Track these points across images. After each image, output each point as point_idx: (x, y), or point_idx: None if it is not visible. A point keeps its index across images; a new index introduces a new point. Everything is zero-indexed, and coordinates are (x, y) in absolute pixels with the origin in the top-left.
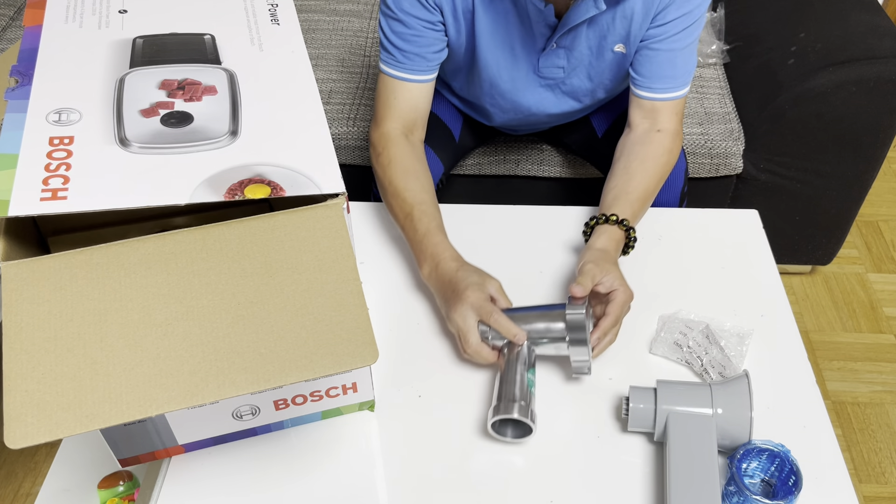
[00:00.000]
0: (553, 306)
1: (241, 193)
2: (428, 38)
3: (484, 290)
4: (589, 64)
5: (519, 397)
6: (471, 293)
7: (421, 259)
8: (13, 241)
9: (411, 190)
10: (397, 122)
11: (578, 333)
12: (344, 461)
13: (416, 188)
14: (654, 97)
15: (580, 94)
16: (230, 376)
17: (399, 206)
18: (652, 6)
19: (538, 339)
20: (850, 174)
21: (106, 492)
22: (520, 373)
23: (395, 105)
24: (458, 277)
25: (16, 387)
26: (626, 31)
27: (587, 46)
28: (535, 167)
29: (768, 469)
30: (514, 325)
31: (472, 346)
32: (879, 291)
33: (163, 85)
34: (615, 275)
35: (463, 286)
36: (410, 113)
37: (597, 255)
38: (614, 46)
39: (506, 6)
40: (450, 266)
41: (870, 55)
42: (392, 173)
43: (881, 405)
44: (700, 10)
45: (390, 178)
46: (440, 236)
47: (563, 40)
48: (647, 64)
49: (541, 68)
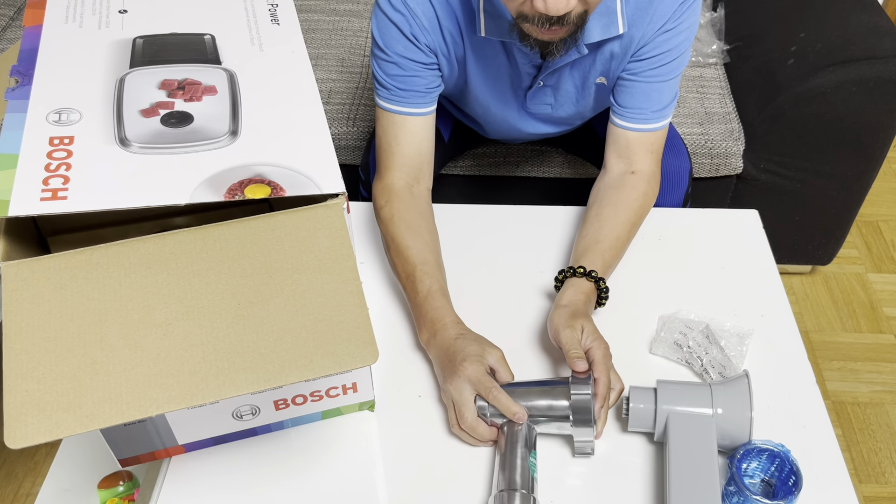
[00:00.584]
0: (555, 382)
1: (241, 193)
2: (425, 77)
3: (483, 363)
4: (576, 100)
5: (521, 485)
6: (469, 366)
7: (420, 323)
8: (13, 241)
9: (414, 248)
10: (401, 171)
11: (583, 414)
12: (344, 461)
13: (419, 246)
14: (627, 127)
15: (570, 120)
16: (230, 376)
17: (401, 266)
18: (630, 46)
19: (539, 418)
20: (850, 174)
21: (106, 492)
22: (520, 456)
23: (398, 151)
24: (456, 347)
25: (16, 387)
26: (606, 67)
27: (572, 84)
28: (535, 167)
29: (768, 469)
30: (514, 403)
31: (467, 422)
32: (879, 291)
33: (163, 85)
34: (588, 331)
35: (461, 357)
36: (415, 158)
37: (565, 315)
38: (596, 79)
39: (495, 49)
40: (448, 334)
41: (870, 55)
42: (394, 230)
43: (881, 405)
44: (682, 48)
45: (392, 234)
46: (442, 300)
47: (548, 79)
48: (623, 94)
49: (529, 105)
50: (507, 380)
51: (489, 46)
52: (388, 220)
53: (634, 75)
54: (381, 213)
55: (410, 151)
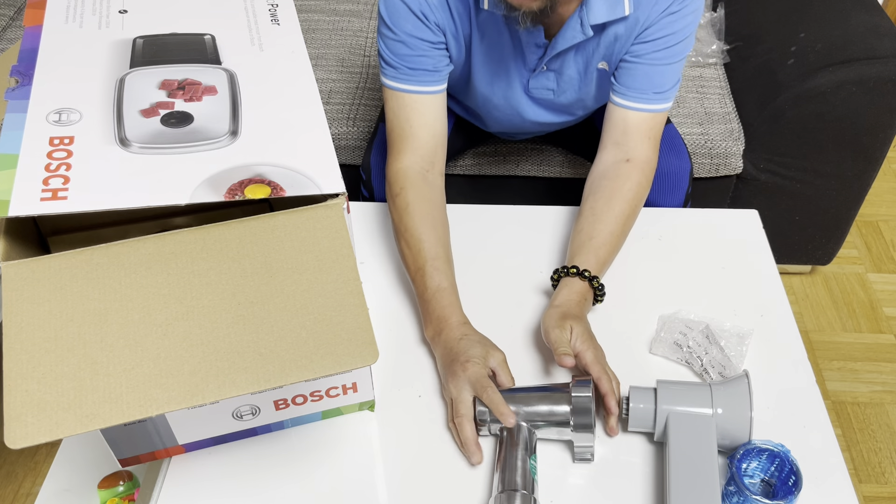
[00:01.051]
0: (556, 388)
1: (241, 193)
2: (433, 57)
3: (485, 365)
4: (578, 86)
5: (521, 486)
6: (471, 367)
7: (427, 319)
8: (13, 241)
9: (427, 242)
10: (415, 155)
11: (584, 418)
12: (344, 461)
13: (432, 240)
14: (627, 106)
15: (572, 109)
16: (230, 376)
17: (412, 258)
18: (634, 28)
19: (539, 423)
20: (850, 174)
21: (106, 492)
22: (521, 458)
23: (411, 133)
24: (459, 348)
25: (16, 387)
26: (609, 51)
27: (575, 70)
28: (535, 167)
29: (768, 469)
30: (505, 404)
31: (461, 417)
32: (879, 291)
33: (163, 85)
34: (577, 332)
35: (464, 358)
36: (429, 140)
37: (555, 315)
38: (598, 64)
39: (499, 27)
40: (454, 334)
41: (870, 55)
42: (409, 220)
43: (881, 405)
44: (686, 32)
45: (406, 224)
46: (450, 298)
47: (552, 63)
48: (626, 75)
49: (531, 89)
50: (508, 384)
51: (494, 25)
52: (403, 210)
53: (637, 57)
54: (396, 201)
55: (423, 133)
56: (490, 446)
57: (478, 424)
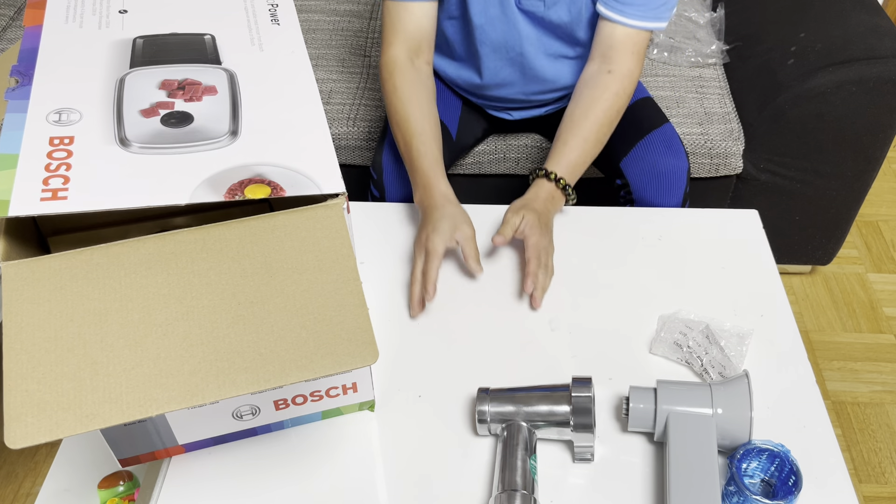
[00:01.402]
0: (556, 387)
1: (241, 193)
2: None
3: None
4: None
5: (521, 486)
6: (434, 236)
7: (415, 187)
8: (13, 241)
9: (413, 119)
10: (403, 45)
11: (584, 418)
12: (344, 461)
13: (417, 117)
14: (613, 19)
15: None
16: (230, 376)
17: (401, 135)
18: None
19: (539, 423)
20: (850, 174)
21: (106, 492)
22: (521, 459)
23: (400, 28)
24: (434, 217)
25: (16, 387)
26: None
27: None
28: (535, 167)
29: (768, 469)
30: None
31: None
32: (879, 291)
33: (163, 85)
34: (528, 220)
35: (431, 228)
36: (415, 33)
37: (517, 205)
38: None
39: None
40: (434, 202)
41: (870, 55)
42: (396, 101)
43: (881, 405)
44: None
45: (395, 105)
46: (435, 168)
47: None
48: None
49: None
50: (472, 256)
51: None
52: (391, 93)
53: None
54: (385, 86)
55: (411, 27)
56: (490, 446)
57: (478, 424)
